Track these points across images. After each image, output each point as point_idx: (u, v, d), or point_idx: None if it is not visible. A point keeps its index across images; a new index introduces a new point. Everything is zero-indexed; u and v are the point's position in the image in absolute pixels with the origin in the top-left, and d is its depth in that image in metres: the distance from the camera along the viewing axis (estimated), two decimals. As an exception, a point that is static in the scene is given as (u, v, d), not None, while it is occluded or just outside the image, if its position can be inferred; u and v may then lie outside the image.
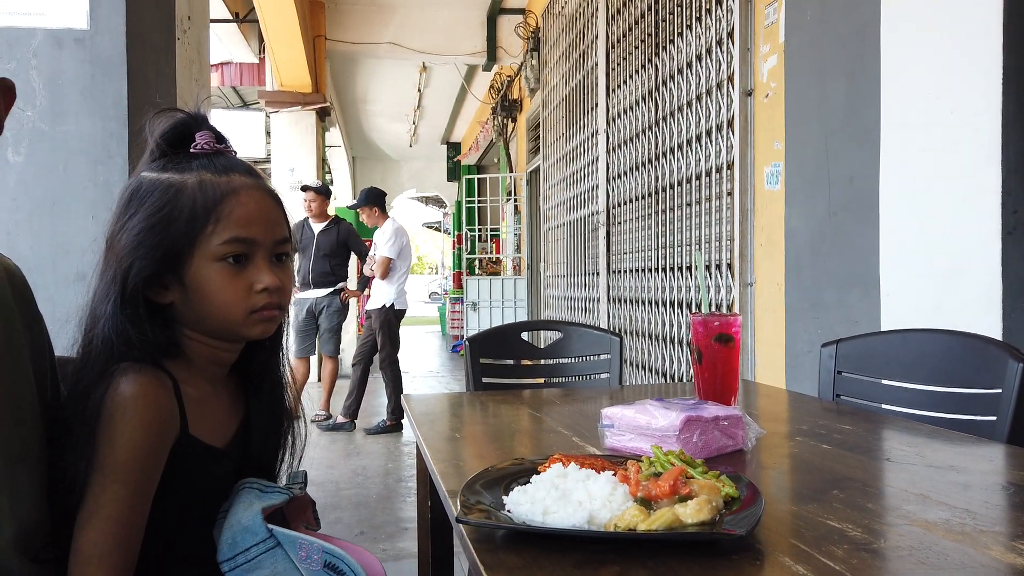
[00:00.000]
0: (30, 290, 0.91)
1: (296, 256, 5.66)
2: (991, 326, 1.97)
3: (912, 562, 0.71)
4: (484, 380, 2.12)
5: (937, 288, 2.14)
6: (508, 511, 0.80)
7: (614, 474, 0.83)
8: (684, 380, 3.86)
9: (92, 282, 0.93)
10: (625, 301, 4.70)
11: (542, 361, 2.34)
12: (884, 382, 1.78)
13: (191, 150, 0.95)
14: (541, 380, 2.33)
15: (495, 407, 1.61)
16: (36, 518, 0.84)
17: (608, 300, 5.05)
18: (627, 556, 0.71)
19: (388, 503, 3.80)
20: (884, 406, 1.74)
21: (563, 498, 0.78)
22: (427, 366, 9.69)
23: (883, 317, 2.41)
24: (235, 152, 0.98)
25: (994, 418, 1.48)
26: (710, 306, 3.43)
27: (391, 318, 5.35)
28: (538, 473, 0.88)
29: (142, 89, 2.14)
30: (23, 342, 0.86)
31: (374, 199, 5.45)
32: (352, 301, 6.02)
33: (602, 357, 2.23)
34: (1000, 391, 1.48)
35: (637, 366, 4.46)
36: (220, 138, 0.97)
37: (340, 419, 5.41)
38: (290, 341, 5.43)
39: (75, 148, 2.03)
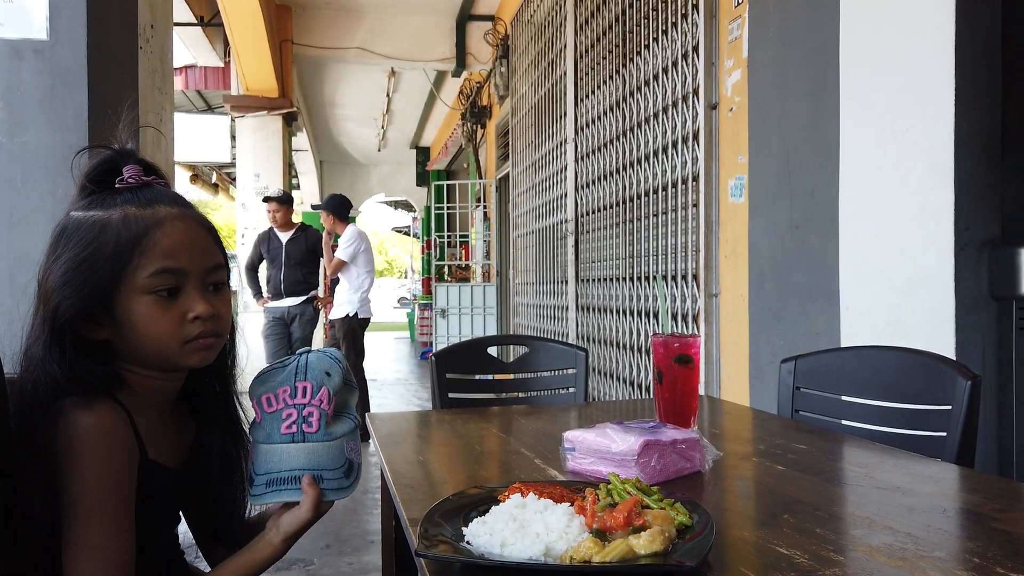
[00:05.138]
0: None
1: (266, 266, 5.61)
2: (944, 340, 2.02)
3: (856, 591, 0.73)
4: (451, 395, 2.13)
5: (894, 302, 2.19)
6: (467, 542, 0.81)
7: (571, 504, 0.84)
8: (650, 391, 3.90)
9: (26, 323, 0.93)
10: (593, 309, 4.74)
11: (510, 376, 2.35)
12: (841, 398, 1.82)
13: (116, 185, 0.94)
14: (507, 395, 2.34)
15: (460, 426, 1.62)
16: None
17: (577, 308, 5.08)
18: (581, 588, 0.73)
19: (355, 515, 3.78)
20: (842, 421, 1.79)
21: (521, 530, 0.79)
22: (395, 373, 9.65)
23: (843, 330, 2.46)
24: (165, 182, 0.98)
25: (944, 434, 1.52)
26: (674, 318, 3.47)
27: (355, 327, 5.32)
28: (498, 502, 0.89)
29: (104, 100, 2.11)
30: None
31: (334, 206, 5.42)
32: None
33: (568, 371, 2.25)
34: (950, 408, 1.53)
35: (605, 375, 4.49)
36: (148, 170, 0.97)
37: None
38: (261, 350, 5.42)
39: (34, 161, 2.01)
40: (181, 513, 1.08)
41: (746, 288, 2.99)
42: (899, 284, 2.16)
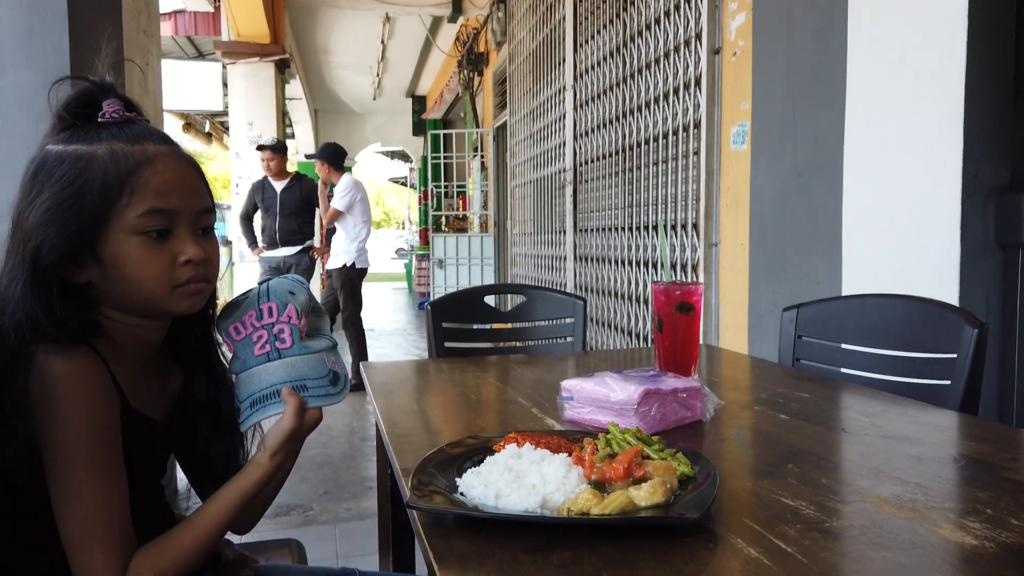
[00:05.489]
0: None
1: (260, 216, 5.54)
2: (948, 289, 1.99)
3: (863, 542, 0.71)
4: (447, 345, 2.10)
5: (897, 250, 2.15)
6: (461, 493, 0.78)
7: (569, 455, 0.81)
8: (649, 341, 3.88)
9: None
10: (592, 260, 4.69)
11: (507, 325, 2.32)
12: (843, 346, 1.80)
13: (99, 119, 0.89)
14: (504, 344, 2.32)
15: (456, 376, 1.59)
16: None
17: (575, 258, 5.04)
18: (580, 541, 0.70)
19: (353, 462, 3.80)
20: (843, 370, 1.76)
21: (516, 481, 0.76)
22: (393, 323, 9.65)
23: (844, 278, 2.43)
24: (147, 120, 0.92)
25: (948, 383, 1.50)
26: (674, 268, 3.43)
27: (352, 277, 5.28)
28: (493, 452, 0.86)
29: (85, 38, 2.03)
30: None
31: (329, 155, 5.33)
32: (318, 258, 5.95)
33: (566, 321, 2.22)
34: (955, 356, 1.50)
35: (603, 325, 4.47)
36: (130, 106, 0.91)
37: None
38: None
39: (13, 101, 1.93)
40: (180, 467, 1.04)
41: (747, 237, 2.95)
42: (903, 232, 2.12)
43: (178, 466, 1.07)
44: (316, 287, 7.54)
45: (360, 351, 5.35)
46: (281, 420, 0.91)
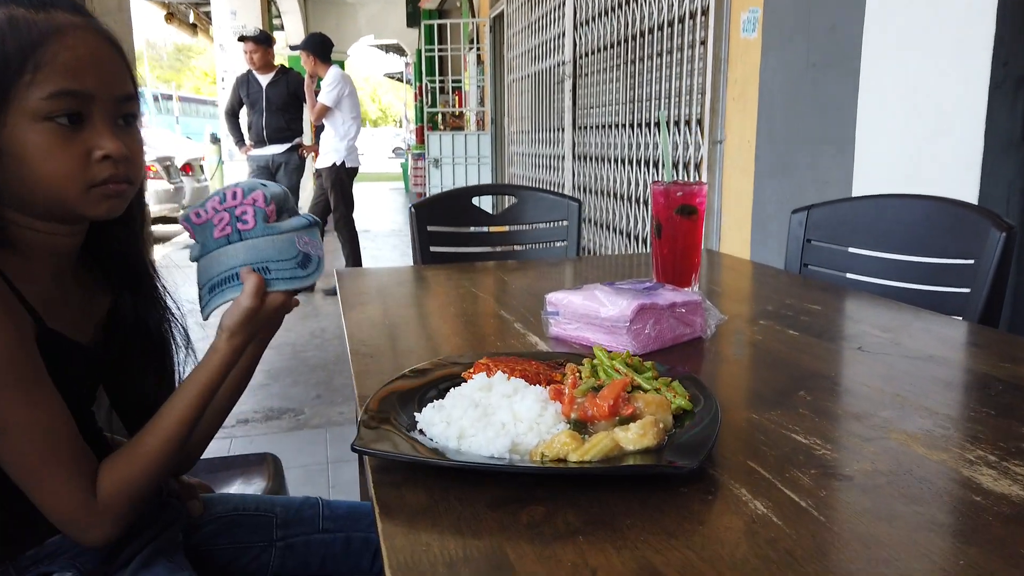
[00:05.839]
0: None
1: (246, 112, 5.30)
2: (968, 188, 1.86)
3: (890, 492, 0.60)
4: (432, 250, 1.97)
5: (914, 148, 2.00)
6: (421, 431, 0.67)
7: (547, 387, 0.70)
8: (648, 245, 3.75)
9: None
10: (591, 159, 4.51)
11: (497, 229, 2.19)
12: (854, 251, 1.67)
13: None
14: (494, 249, 2.19)
15: (437, 285, 1.47)
16: None
17: (573, 157, 4.84)
18: (555, 491, 0.59)
19: (346, 366, 3.71)
20: (853, 276, 1.64)
21: (484, 419, 0.65)
22: (390, 224, 9.50)
23: (855, 179, 2.29)
24: None
25: (968, 290, 1.38)
26: (675, 166, 3.26)
27: (342, 176, 5.09)
28: (463, 381, 0.75)
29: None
30: None
31: (314, 46, 5.04)
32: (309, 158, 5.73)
33: (560, 224, 2.09)
34: (974, 262, 1.38)
35: (601, 226, 4.33)
36: None
37: None
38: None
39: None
40: (114, 409, 0.93)
41: (753, 134, 2.78)
42: (922, 127, 1.96)
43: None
44: (310, 185, 7.31)
45: (353, 254, 5.23)
46: (238, 299, 0.79)
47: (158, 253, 6.26)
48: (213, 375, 0.79)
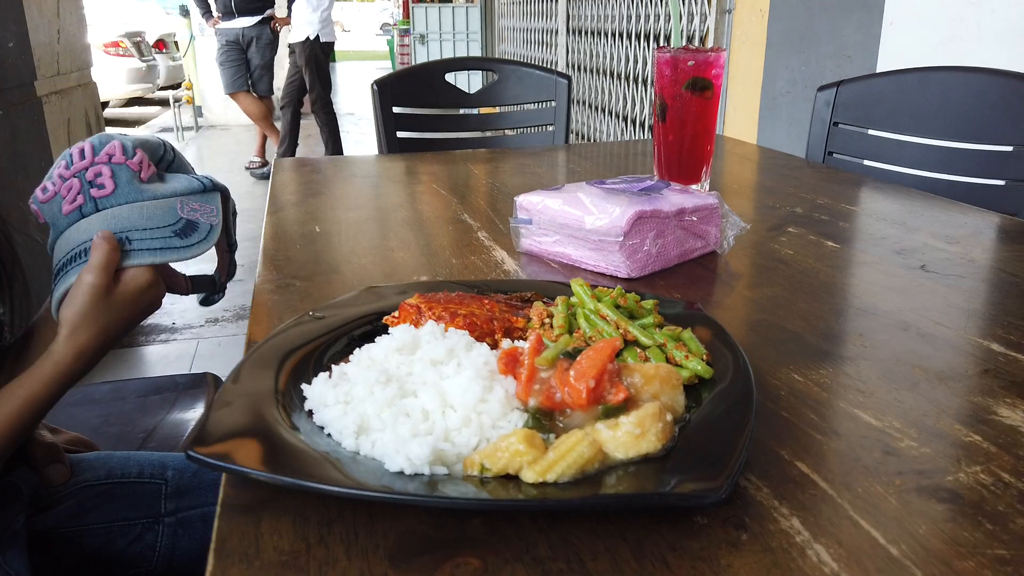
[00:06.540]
0: None
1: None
2: (1014, 59, 1.59)
3: (1020, 531, 0.39)
4: (399, 136, 1.71)
5: (951, 16, 1.71)
6: (310, 412, 0.45)
7: (498, 347, 0.47)
8: (649, 131, 3.45)
9: None
10: (586, 33, 4.12)
11: (475, 111, 1.90)
12: (891, 136, 1.42)
13: None
14: (471, 135, 1.92)
15: (391, 181, 1.22)
16: None
17: (567, 31, 4.44)
18: (499, 530, 0.38)
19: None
20: (889, 166, 1.40)
21: (397, 402, 0.42)
22: (376, 106, 9.02)
23: (881, 51, 2.01)
24: None
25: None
26: (682, 37, 2.93)
27: (317, 52, 4.68)
28: (386, 330, 0.53)
29: None
30: None
31: None
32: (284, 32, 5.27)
33: (547, 105, 1.81)
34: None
35: (596, 109, 4.01)
36: None
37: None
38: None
39: None
40: None
41: (767, 1, 2.46)
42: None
43: None
44: (286, 63, 6.88)
45: (332, 140, 4.90)
46: (79, 275, 0.58)
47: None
48: (43, 389, 0.58)
